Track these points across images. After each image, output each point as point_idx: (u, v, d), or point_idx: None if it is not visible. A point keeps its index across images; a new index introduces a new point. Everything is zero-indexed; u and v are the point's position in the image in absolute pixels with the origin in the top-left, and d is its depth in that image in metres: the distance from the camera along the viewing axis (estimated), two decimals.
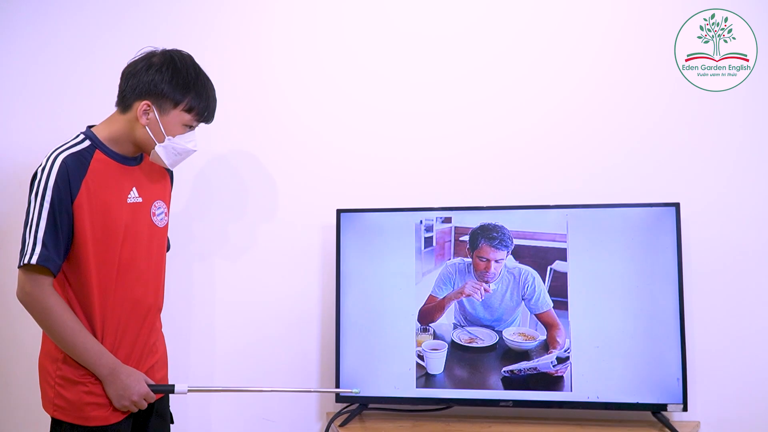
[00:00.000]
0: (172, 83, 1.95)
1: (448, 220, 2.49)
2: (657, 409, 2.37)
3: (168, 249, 2.29)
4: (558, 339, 2.41)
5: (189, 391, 2.04)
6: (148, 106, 1.95)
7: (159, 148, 1.98)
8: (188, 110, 1.99)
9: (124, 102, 1.98)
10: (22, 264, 1.86)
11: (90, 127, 2.01)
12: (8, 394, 2.73)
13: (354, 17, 2.70)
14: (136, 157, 2.05)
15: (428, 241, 2.50)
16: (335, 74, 2.70)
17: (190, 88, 1.98)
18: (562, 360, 2.41)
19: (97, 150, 1.95)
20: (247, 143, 2.71)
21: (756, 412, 2.47)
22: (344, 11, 2.70)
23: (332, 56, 2.70)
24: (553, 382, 2.41)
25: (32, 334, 1.99)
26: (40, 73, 2.75)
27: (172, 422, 2.20)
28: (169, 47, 2.09)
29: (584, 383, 2.39)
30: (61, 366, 1.94)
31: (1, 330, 2.73)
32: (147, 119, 1.95)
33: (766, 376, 2.48)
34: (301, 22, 2.71)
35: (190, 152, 2.05)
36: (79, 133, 1.99)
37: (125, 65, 2.02)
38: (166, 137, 1.98)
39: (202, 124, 2.08)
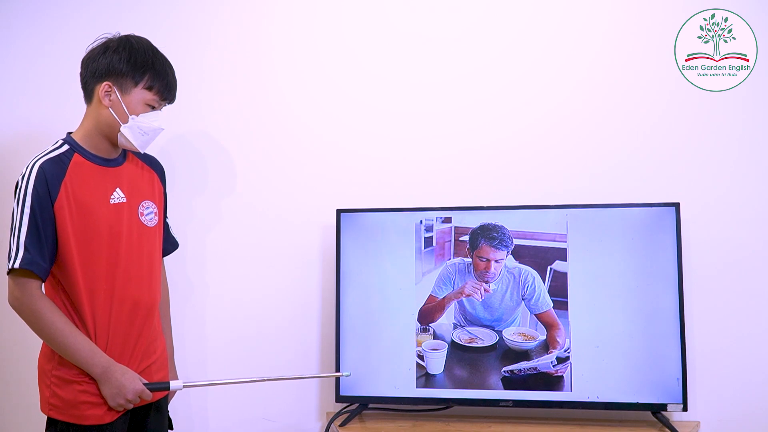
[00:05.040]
0: (130, 62, 1.98)
1: (448, 220, 2.49)
2: (657, 409, 2.37)
3: (175, 247, 2.30)
4: (558, 339, 2.41)
5: (184, 386, 2.05)
6: (110, 86, 1.97)
7: (125, 129, 1.99)
8: (149, 88, 2.00)
9: (87, 89, 2.02)
10: (8, 270, 1.89)
11: (69, 133, 2.04)
12: (8, 395, 2.73)
13: (354, 17, 2.70)
14: (117, 158, 2.06)
15: (428, 241, 2.50)
16: (335, 74, 2.70)
17: (148, 66, 2.00)
18: (562, 360, 2.41)
19: (75, 153, 1.98)
20: (246, 143, 2.71)
21: (756, 412, 2.47)
22: (344, 11, 2.70)
23: (332, 56, 2.70)
24: (553, 382, 2.41)
25: (32, 335, 1.99)
26: (40, 74, 2.76)
27: (171, 428, 2.20)
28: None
29: (584, 383, 2.39)
30: (57, 366, 1.95)
31: (1, 331, 2.73)
32: (110, 100, 1.97)
33: (766, 376, 2.48)
34: (301, 22, 2.71)
35: (157, 131, 2.05)
36: (58, 139, 2.01)
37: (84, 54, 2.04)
38: (130, 117, 1.98)
39: (166, 108, 2.08)
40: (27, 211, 1.88)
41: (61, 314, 1.91)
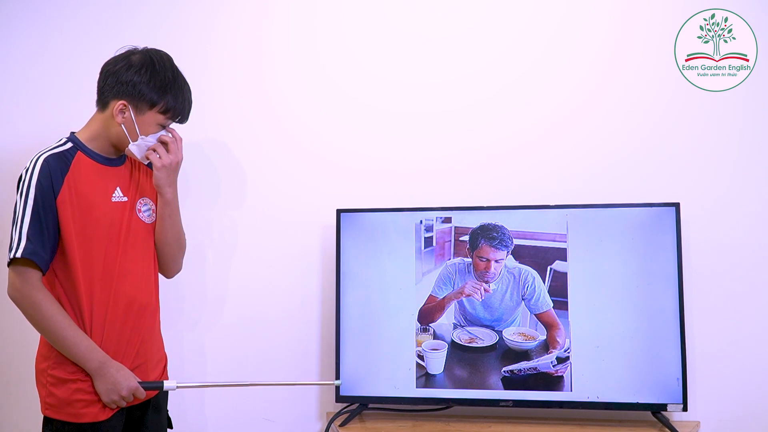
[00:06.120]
0: (150, 85, 2.00)
1: (448, 220, 2.50)
2: (657, 409, 2.37)
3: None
4: (558, 339, 2.41)
5: (178, 387, 2.07)
6: (125, 105, 1.99)
7: (132, 146, 2.03)
8: (164, 111, 2.03)
9: (103, 99, 2.04)
10: (9, 260, 1.90)
11: (73, 132, 2.06)
12: (8, 394, 2.73)
13: (354, 17, 2.70)
14: (118, 157, 2.09)
15: (428, 241, 2.50)
16: (335, 74, 2.70)
17: (167, 90, 2.02)
18: (562, 360, 2.41)
19: (78, 151, 2.00)
20: (247, 143, 2.71)
21: (756, 412, 2.47)
22: (344, 11, 2.70)
23: (332, 56, 2.70)
24: (553, 382, 2.41)
25: (33, 334, 2.00)
26: (40, 74, 2.76)
27: (171, 427, 2.21)
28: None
29: (584, 383, 2.39)
30: (53, 365, 1.96)
31: (1, 330, 2.73)
32: (123, 118, 2.00)
33: (766, 376, 2.48)
34: (301, 22, 2.71)
35: None
36: (62, 137, 2.04)
37: (105, 62, 2.06)
38: (140, 136, 2.02)
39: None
40: (30, 202, 1.89)
41: (60, 307, 1.93)
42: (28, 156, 2.00)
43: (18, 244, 1.88)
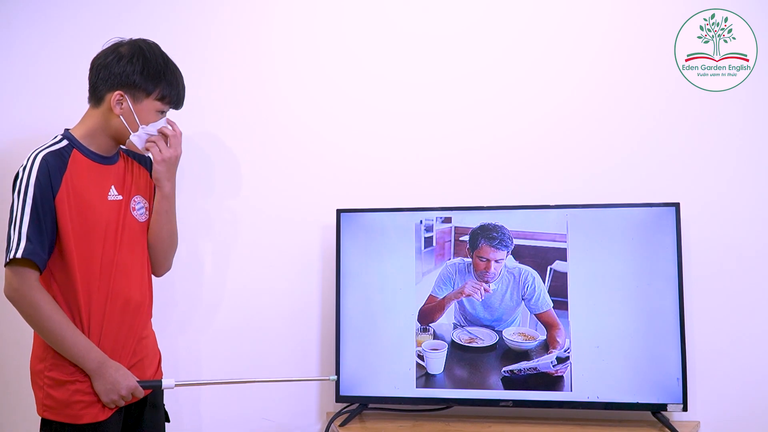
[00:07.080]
0: (143, 74, 2.00)
1: (448, 220, 2.50)
2: (657, 409, 2.37)
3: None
4: (558, 339, 2.41)
5: (176, 385, 2.07)
6: (122, 96, 1.99)
7: (134, 138, 2.03)
8: (160, 98, 2.04)
9: (96, 94, 2.03)
10: (7, 260, 1.89)
11: (67, 129, 2.05)
12: (7, 395, 2.73)
13: (354, 17, 2.70)
14: (112, 156, 2.08)
15: (428, 241, 2.50)
16: (335, 74, 2.70)
17: (161, 77, 2.03)
18: (562, 360, 2.41)
19: (74, 149, 1.99)
20: (247, 143, 2.71)
21: (756, 412, 2.47)
22: (344, 12, 2.70)
23: (332, 56, 2.70)
24: (553, 382, 2.41)
25: (31, 335, 2.00)
26: (40, 73, 2.76)
27: (168, 420, 2.20)
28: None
29: (584, 383, 2.39)
30: (50, 366, 1.95)
31: (1, 330, 2.73)
32: (121, 109, 2.00)
33: (766, 376, 2.48)
34: (301, 22, 2.71)
35: None
36: (56, 134, 2.03)
37: (93, 57, 2.06)
38: (140, 126, 2.02)
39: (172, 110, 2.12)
40: (29, 201, 1.88)
41: (58, 307, 1.92)
42: (25, 154, 1.99)
43: (18, 244, 1.86)
